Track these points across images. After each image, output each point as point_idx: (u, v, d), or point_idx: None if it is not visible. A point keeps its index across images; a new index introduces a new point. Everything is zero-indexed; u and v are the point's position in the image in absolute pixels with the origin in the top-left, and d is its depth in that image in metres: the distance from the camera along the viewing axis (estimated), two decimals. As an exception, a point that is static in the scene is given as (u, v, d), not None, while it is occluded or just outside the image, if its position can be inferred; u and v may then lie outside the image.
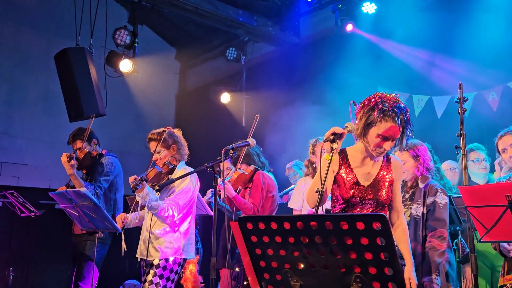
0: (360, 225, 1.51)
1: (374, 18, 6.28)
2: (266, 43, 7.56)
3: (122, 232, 3.44)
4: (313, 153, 4.14)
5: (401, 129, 2.47)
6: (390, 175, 2.58)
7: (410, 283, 2.50)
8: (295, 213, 4.12)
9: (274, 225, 1.71)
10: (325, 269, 1.66)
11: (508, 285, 2.90)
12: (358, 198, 2.53)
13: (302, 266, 1.72)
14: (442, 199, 3.21)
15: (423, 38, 5.74)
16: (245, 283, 3.76)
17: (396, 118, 2.43)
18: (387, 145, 2.48)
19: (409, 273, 2.52)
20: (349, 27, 6.26)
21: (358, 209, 2.53)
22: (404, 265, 2.57)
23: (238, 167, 4.16)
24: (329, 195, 2.65)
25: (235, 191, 4.13)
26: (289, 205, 4.19)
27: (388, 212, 2.63)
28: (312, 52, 7.01)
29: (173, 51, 9.13)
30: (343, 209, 2.57)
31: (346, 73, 6.01)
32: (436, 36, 5.71)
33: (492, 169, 4.16)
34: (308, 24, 7.31)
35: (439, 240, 3.10)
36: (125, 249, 3.41)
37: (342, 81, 6.00)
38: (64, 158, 4.03)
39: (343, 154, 2.67)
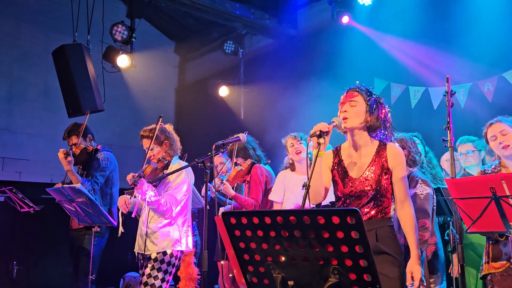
0: (336, 219, 1.56)
1: (371, 10, 6.28)
2: (264, 36, 7.57)
3: (120, 214, 3.45)
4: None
5: (365, 104, 2.56)
6: (383, 164, 2.53)
7: (412, 277, 2.45)
8: (275, 205, 4.11)
9: (255, 220, 1.76)
10: (304, 261, 1.71)
11: (497, 273, 2.94)
12: (351, 191, 2.55)
13: (283, 259, 1.77)
14: (422, 190, 3.26)
15: (419, 29, 5.74)
16: (230, 275, 3.83)
17: (359, 90, 2.61)
18: (345, 107, 2.59)
19: (410, 266, 2.47)
20: (345, 19, 6.26)
21: (353, 202, 2.53)
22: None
23: (234, 162, 4.20)
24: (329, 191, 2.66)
25: (233, 187, 4.19)
26: (270, 197, 4.17)
27: (388, 202, 2.56)
28: (309, 44, 7.02)
29: (172, 45, 9.16)
30: (342, 205, 2.60)
31: (343, 65, 6.03)
32: (432, 27, 5.71)
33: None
34: (305, 16, 7.31)
35: (421, 230, 3.16)
36: (122, 231, 3.44)
37: (339, 73, 6.02)
38: (61, 155, 4.11)
39: (336, 150, 2.72)
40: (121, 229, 3.38)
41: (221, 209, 4.28)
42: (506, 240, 2.92)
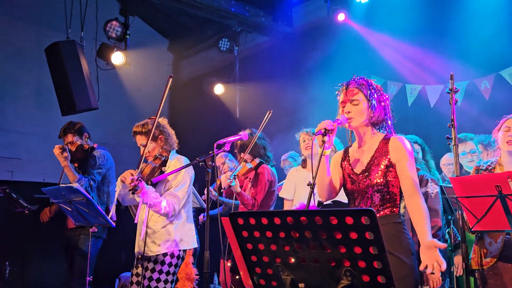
0: (349, 220, 1.52)
1: (367, 8, 6.25)
2: (259, 33, 7.51)
3: (115, 200, 3.38)
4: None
5: (366, 100, 2.53)
6: (386, 157, 2.47)
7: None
8: (286, 202, 4.11)
9: (264, 220, 1.72)
10: (315, 263, 1.67)
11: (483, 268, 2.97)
12: (356, 187, 2.52)
13: (293, 260, 1.73)
14: (433, 189, 3.26)
15: (415, 27, 5.73)
16: (237, 277, 3.78)
17: (358, 86, 2.56)
18: (348, 107, 2.55)
19: (421, 254, 2.29)
20: (341, 17, 6.23)
21: (359, 198, 2.50)
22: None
23: (243, 157, 4.15)
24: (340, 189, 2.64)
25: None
26: (281, 194, 4.18)
27: (395, 197, 2.46)
28: (305, 42, 6.99)
29: (166, 42, 9.08)
30: (349, 202, 2.58)
31: (339, 63, 6.00)
32: (429, 25, 5.71)
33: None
34: (301, 14, 7.27)
35: (433, 229, 3.17)
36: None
37: (335, 71, 5.99)
38: (57, 151, 4.04)
39: (346, 148, 2.71)
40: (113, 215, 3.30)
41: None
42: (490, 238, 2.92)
